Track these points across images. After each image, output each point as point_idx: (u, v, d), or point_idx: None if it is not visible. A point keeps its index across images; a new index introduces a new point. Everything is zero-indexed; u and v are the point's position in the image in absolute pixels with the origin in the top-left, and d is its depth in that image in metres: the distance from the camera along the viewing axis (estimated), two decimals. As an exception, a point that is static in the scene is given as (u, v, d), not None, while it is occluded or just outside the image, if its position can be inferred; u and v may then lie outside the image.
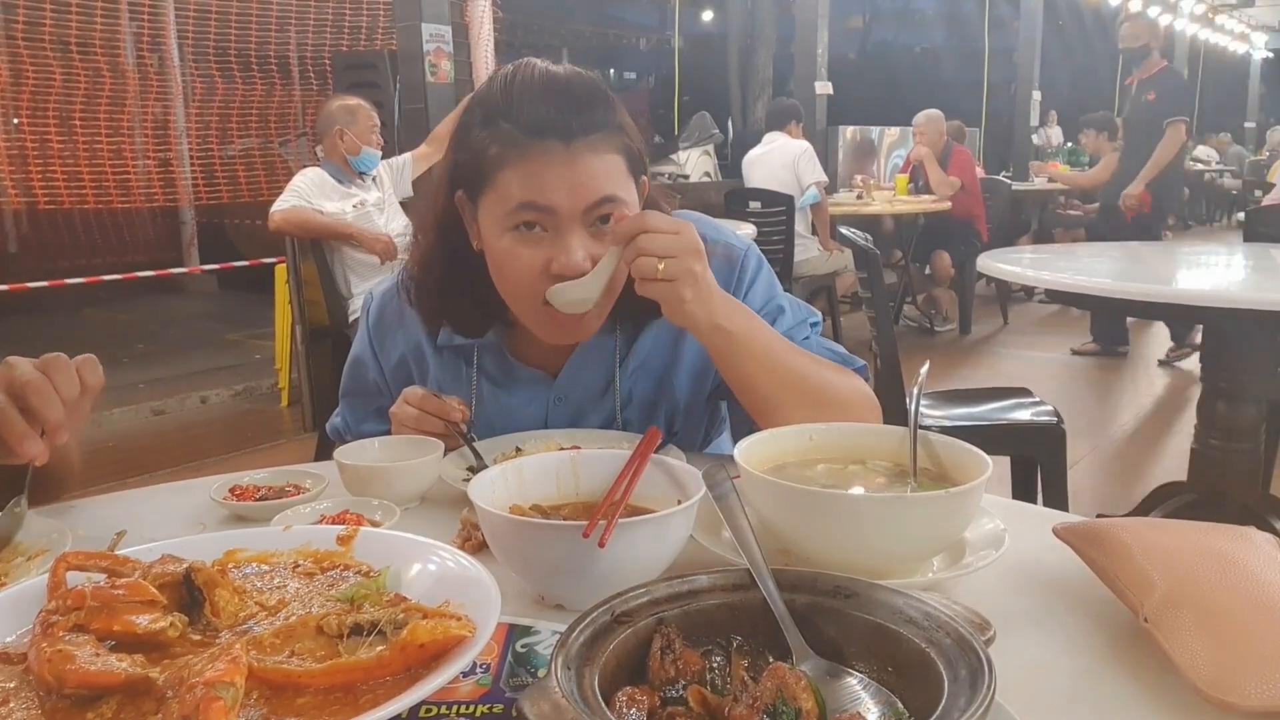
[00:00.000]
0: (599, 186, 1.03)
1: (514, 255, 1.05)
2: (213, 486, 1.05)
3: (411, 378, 1.25)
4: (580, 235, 1.03)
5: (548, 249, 1.04)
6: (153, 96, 6.61)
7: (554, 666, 0.51)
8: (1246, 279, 2.59)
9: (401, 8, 5.31)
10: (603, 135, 1.03)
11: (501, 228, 1.05)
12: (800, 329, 1.20)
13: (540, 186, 1.02)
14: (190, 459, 4.11)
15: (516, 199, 1.02)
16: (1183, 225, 13.57)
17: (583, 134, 1.02)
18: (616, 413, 1.21)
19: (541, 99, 1.03)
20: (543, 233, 1.04)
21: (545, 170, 1.01)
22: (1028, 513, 0.98)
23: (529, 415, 1.21)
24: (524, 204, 1.02)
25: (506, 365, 1.22)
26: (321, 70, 6.61)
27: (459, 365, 1.23)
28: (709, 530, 0.83)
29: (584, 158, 1.02)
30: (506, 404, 1.21)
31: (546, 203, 1.02)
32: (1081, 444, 4.00)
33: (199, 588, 0.64)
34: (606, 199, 1.03)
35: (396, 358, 1.26)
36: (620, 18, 16.16)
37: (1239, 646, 0.62)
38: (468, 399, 1.20)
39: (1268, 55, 19.82)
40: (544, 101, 1.02)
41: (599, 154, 1.03)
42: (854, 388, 1.13)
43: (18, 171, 5.93)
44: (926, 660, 0.53)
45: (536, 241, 1.04)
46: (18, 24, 5.58)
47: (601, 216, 1.04)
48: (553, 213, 1.02)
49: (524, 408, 1.22)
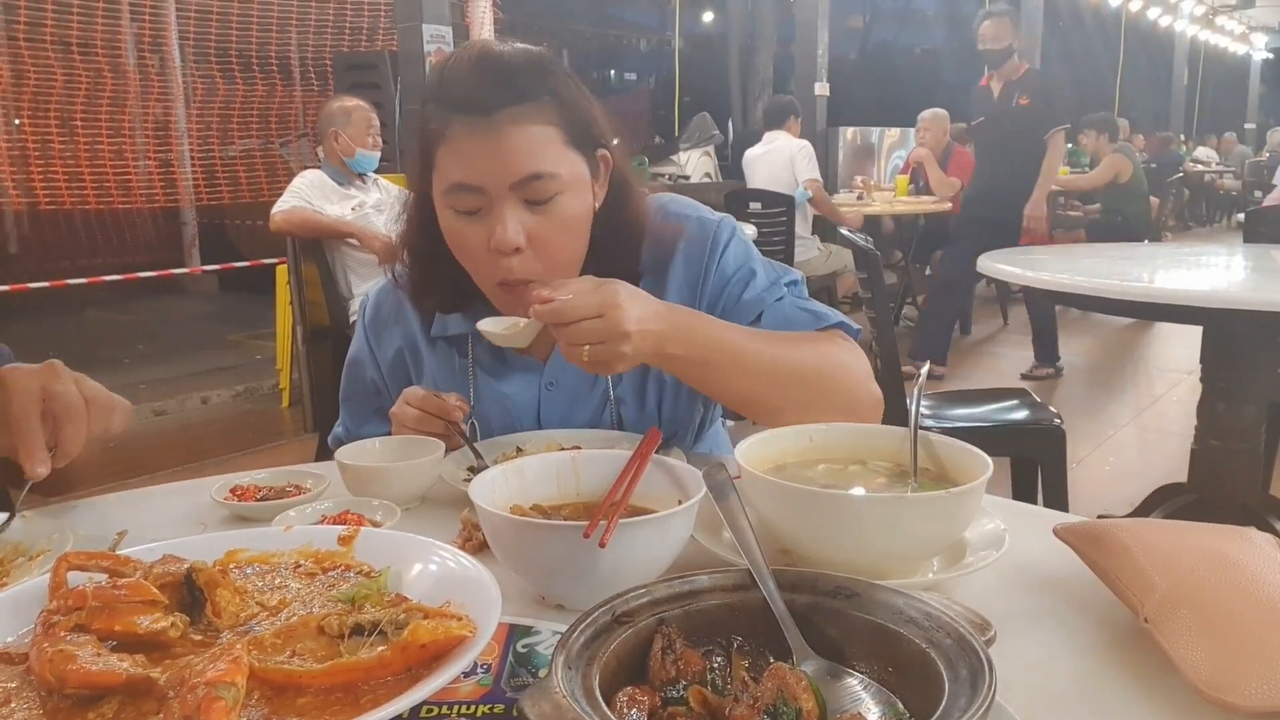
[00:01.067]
0: (523, 163, 1.01)
1: (458, 233, 1.07)
2: (214, 487, 1.05)
3: (408, 371, 1.25)
4: (513, 210, 1.03)
5: (485, 226, 1.04)
6: (154, 97, 6.61)
7: (555, 666, 0.51)
8: (1246, 280, 2.59)
9: (402, 8, 5.32)
10: (529, 107, 1.02)
11: (444, 206, 1.07)
12: (773, 290, 1.17)
13: (466, 164, 1.02)
14: (191, 459, 4.11)
15: (449, 179, 1.04)
16: (1183, 226, 13.56)
17: (504, 106, 1.01)
18: (610, 394, 1.20)
19: (467, 75, 1.03)
20: (479, 211, 1.04)
21: (469, 146, 1.02)
22: (1028, 513, 0.98)
23: (523, 402, 1.22)
24: (454, 185, 1.04)
25: (498, 352, 1.22)
26: (322, 71, 6.62)
27: (453, 356, 1.24)
28: (709, 530, 0.83)
29: (506, 131, 1.01)
30: (500, 392, 1.22)
31: (473, 181, 1.02)
32: (1082, 444, 4.00)
33: (200, 588, 0.64)
34: (533, 175, 1.02)
35: (393, 353, 1.26)
36: (620, 18, 16.17)
37: (1239, 647, 0.62)
38: (464, 389, 1.21)
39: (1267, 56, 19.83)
40: (469, 77, 1.03)
41: (523, 126, 1.01)
42: (828, 356, 1.10)
43: (19, 172, 5.94)
44: (927, 660, 0.53)
45: (475, 221, 1.05)
46: (19, 24, 5.59)
47: (531, 199, 1.03)
48: (481, 191, 1.03)
49: (518, 395, 1.22)
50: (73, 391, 0.89)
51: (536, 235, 1.04)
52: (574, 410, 1.22)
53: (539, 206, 1.04)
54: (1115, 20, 13.87)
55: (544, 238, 1.05)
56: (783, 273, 1.21)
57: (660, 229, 1.18)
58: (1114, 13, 13.21)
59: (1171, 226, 11.74)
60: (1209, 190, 14.91)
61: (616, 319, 0.93)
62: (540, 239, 1.05)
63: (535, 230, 1.04)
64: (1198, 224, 14.69)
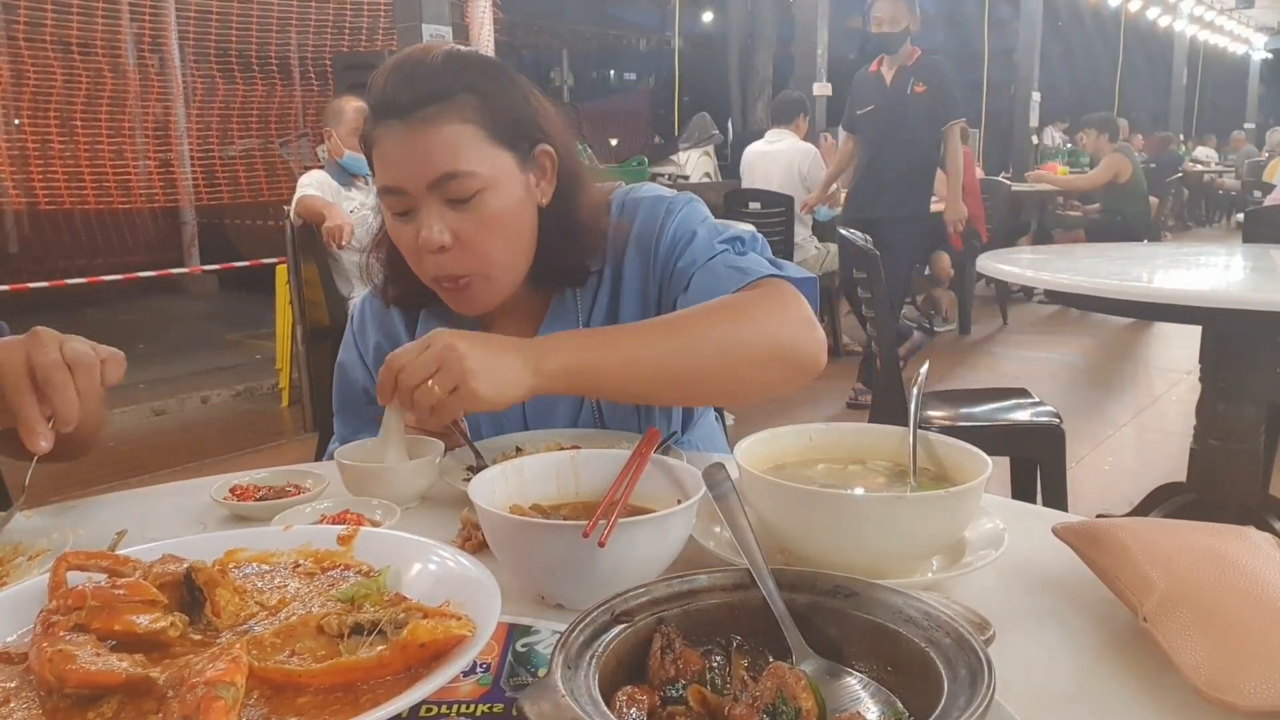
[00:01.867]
0: (437, 163, 1.02)
1: (395, 233, 1.10)
2: (213, 486, 1.05)
3: None
4: (436, 209, 1.04)
5: (415, 225, 1.06)
6: (154, 97, 6.61)
7: (554, 666, 0.51)
8: (1246, 279, 2.59)
9: (402, 8, 5.32)
10: (444, 106, 1.02)
11: (384, 208, 1.10)
12: (707, 250, 1.12)
13: (389, 167, 1.05)
14: (191, 459, 4.11)
15: (379, 183, 1.07)
16: (1182, 226, 13.57)
17: (418, 108, 1.02)
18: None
19: (386, 80, 1.05)
20: (409, 211, 1.07)
21: (391, 150, 1.04)
22: (1027, 513, 0.98)
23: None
24: (382, 188, 1.07)
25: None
26: (322, 71, 6.62)
27: None
28: (709, 530, 0.83)
29: (420, 133, 1.02)
30: None
31: (395, 183, 1.05)
32: (1081, 444, 4.00)
33: (199, 587, 0.64)
34: (449, 175, 1.03)
35: (373, 347, 1.27)
36: (620, 18, 16.15)
37: (1238, 646, 0.62)
38: None
39: (1266, 56, 19.84)
40: (387, 82, 1.05)
41: (438, 126, 1.02)
42: (741, 318, 1.02)
43: (19, 172, 5.94)
44: (926, 660, 0.53)
45: (406, 222, 1.07)
46: (19, 24, 5.59)
47: (452, 198, 1.04)
48: (404, 193, 1.05)
49: None
50: (55, 360, 0.87)
51: (461, 233, 1.05)
52: (555, 407, 1.22)
53: (461, 205, 1.05)
54: (1115, 20, 13.87)
55: (470, 235, 1.06)
56: (725, 230, 1.16)
57: (619, 224, 1.18)
58: (1113, 13, 13.21)
59: (1171, 226, 11.75)
60: (1208, 190, 14.91)
61: (438, 340, 0.89)
62: (466, 237, 1.05)
63: (460, 228, 1.05)
64: (1197, 224, 14.70)
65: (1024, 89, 10.36)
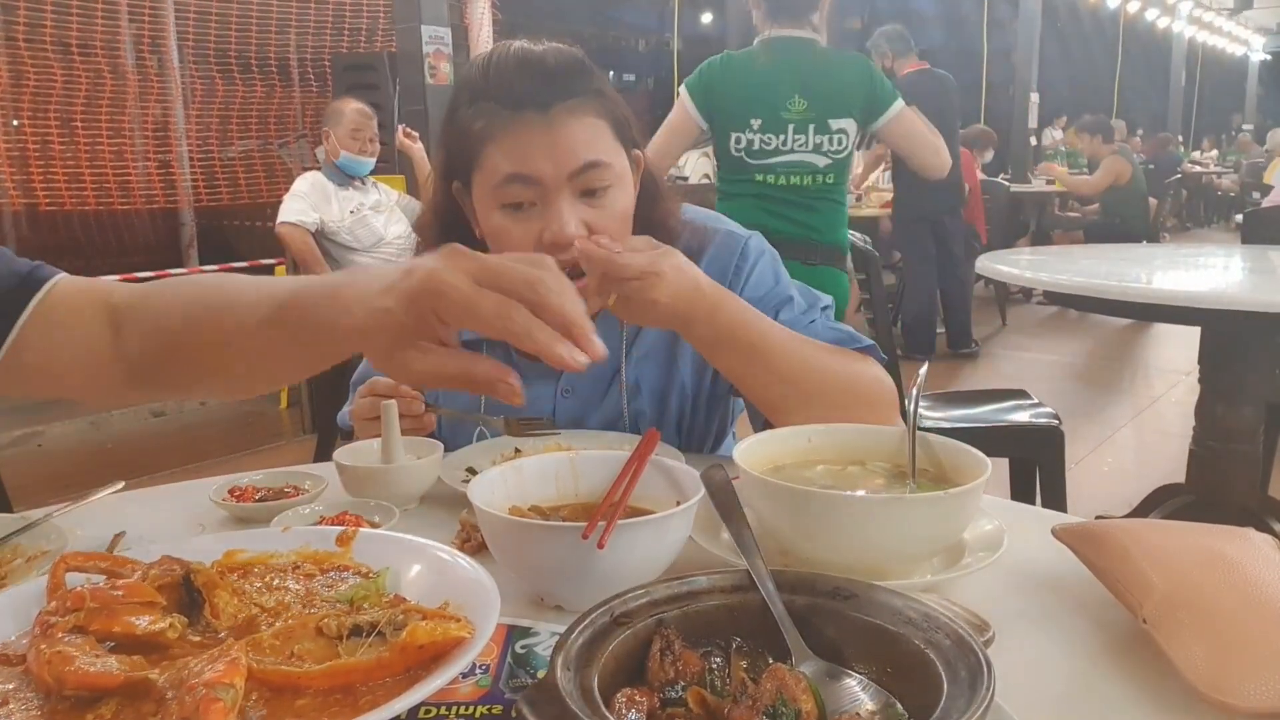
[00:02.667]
0: (581, 151, 1.03)
1: (506, 231, 1.06)
2: (212, 488, 1.05)
3: None
4: (570, 203, 1.04)
5: (538, 222, 1.04)
6: (153, 98, 6.60)
7: (553, 667, 0.51)
8: (1245, 281, 2.60)
9: (401, 9, 5.32)
10: (582, 101, 1.04)
11: (492, 205, 1.06)
12: (809, 314, 1.18)
13: (523, 157, 1.03)
14: (189, 460, 4.11)
15: (503, 172, 1.03)
16: (1181, 227, 13.58)
17: (559, 101, 1.03)
18: (623, 404, 1.20)
19: (517, 74, 1.05)
20: (532, 207, 1.05)
21: (526, 141, 1.03)
22: (1027, 514, 0.98)
23: (537, 411, 1.22)
24: (510, 176, 1.03)
25: (513, 358, 1.20)
26: (321, 72, 6.62)
27: None
28: (708, 531, 0.83)
29: (564, 123, 1.03)
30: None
31: (530, 172, 1.03)
32: (1080, 445, 4.01)
33: (198, 589, 0.64)
34: (590, 164, 1.04)
35: None
36: (619, 19, 16.16)
37: (1237, 647, 0.62)
38: (477, 398, 1.20)
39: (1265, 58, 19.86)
40: (520, 76, 1.04)
41: (579, 118, 1.04)
42: (861, 373, 1.10)
43: (19, 173, 5.93)
44: (925, 661, 0.53)
45: (527, 217, 1.05)
46: (18, 25, 5.58)
47: (587, 190, 1.05)
48: (538, 183, 1.03)
49: (534, 400, 1.21)
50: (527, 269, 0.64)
51: (594, 227, 1.04)
52: (588, 416, 1.22)
53: (594, 198, 1.05)
54: (1113, 21, 13.89)
55: (601, 229, 1.05)
56: (816, 298, 1.22)
57: (688, 236, 1.20)
58: (1112, 14, 13.22)
59: (1170, 228, 11.75)
60: (1207, 191, 14.92)
61: (651, 285, 0.94)
62: (598, 231, 1.04)
63: (593, 222, 1.05)
64: (1196, 225, 14.70)
65: (1022, 90, 10.36)
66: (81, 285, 0.88)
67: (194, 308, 0.82)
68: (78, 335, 0.85)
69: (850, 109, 2.59)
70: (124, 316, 0.85)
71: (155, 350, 0.83)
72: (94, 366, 0.85)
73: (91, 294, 0.87)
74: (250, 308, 0.76)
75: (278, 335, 0.75)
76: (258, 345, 0.77)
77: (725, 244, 1.20)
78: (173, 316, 0.83)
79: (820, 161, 2.59)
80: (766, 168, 2.59)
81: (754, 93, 2.58)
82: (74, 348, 0.85)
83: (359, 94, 4.54)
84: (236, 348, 0.78)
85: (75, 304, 0.86)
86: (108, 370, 0.85)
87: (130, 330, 0.84)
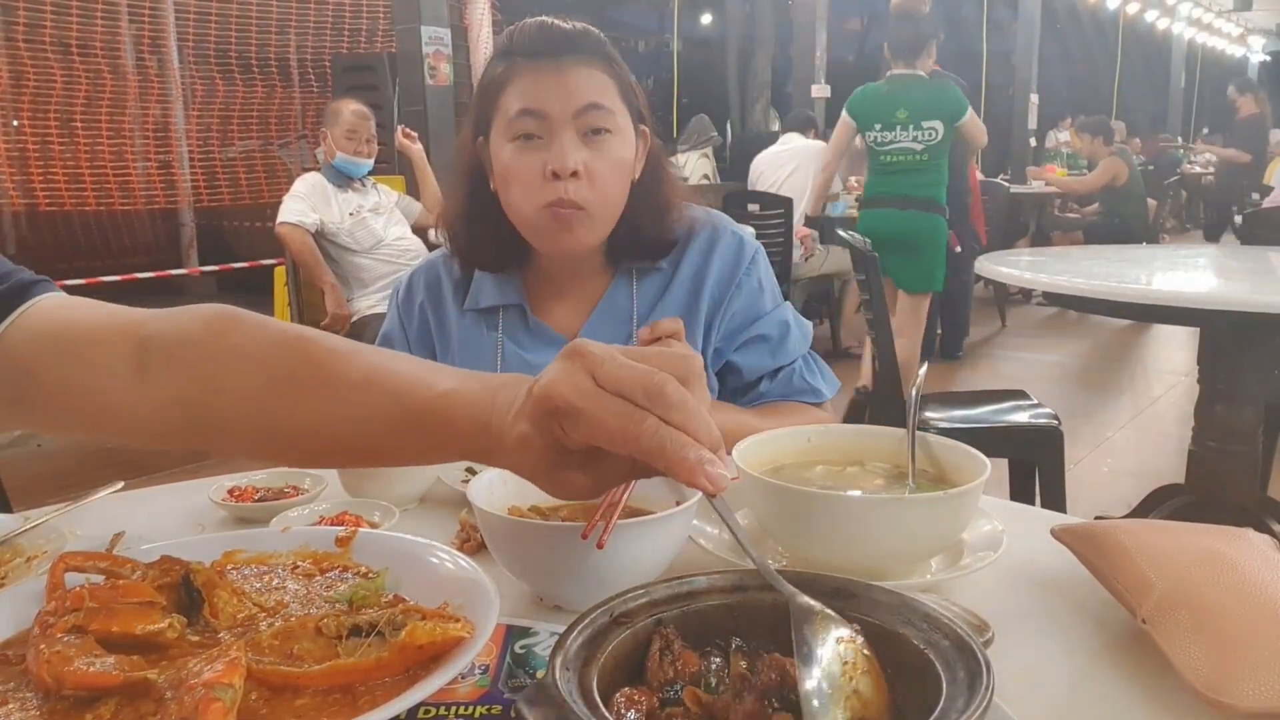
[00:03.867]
0: (586, 93, 1.15)
1: (515, 163, 1.17)
2: (211, 488, 1.05)
3: (433, 345, 1.32)
4: (572, 139, 1.15)
5: (543, 154, 1.15)
6: (153, 99, 6.60)
7: (552, 667, 0.51)
8: (1244, 281, 2.60)
9: (401, 10, 5.32)
10: (593, 58, 1.17)
11: (504, 141, 1.18)
12: (797, 353, 1.28)
13: (534, 95, 1.15)
14: (189, 460, 4.10)
15: (514, 108, 1.16)
16: (1180, 228, 13.57)
17: (570, 53, 1.16)
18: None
19: (538, 32, 1.19)
20: (538, 140, 1.16)
21: (538, 81, 1.16)
22: (1026, 514, 0.98)
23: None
24: (520, 111, 1.16)
25: (528, 325, 1.29)
26: (321, 73, 6.62)
27: (481, 328, 1.30)
28: (708, 531, 0.83)
29: (573, 69, 1.16)
30: (528, 363, 1.26)
31: (539, 107, 1.15)
32: (1080, 446, 4.01)
33: (198, 589, 0.64)
34: (593, 105, 1.16)
35: (418, 323, 1.33)
36: (619, 20, 16.16)
37: (1237, 647, 0.62)
38: (491, 360, 1.28)
39: (1265, 59, 19.86)
40: (539, 34, 1.18)
41: (588, 68, 1.17)
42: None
43: (19, 173, 5.93)
44: (924, 661, 0.53)
45: (534, 149, 1.16)
46: (18, 26, 5.59)
47: (593, 128, 1.16)
48: (544, 117, 1.15)
49: (545, 365, 1.22)
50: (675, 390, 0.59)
51: (590, 166, 1.16)
52: None
53: (594, 139, 1.16)
54: (1112, 22, 13.89)
55: (596, 169, 1.16)
56: (806, 337, 1.32)
57: (700, 232, 1.30)
58: (1111, 15, 13.23)
59: (1169, 228, 11.75)
60: (1207, 192, 14.91)
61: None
62: (593, 170, 1.16)
63: (589, 161, 1.16)
64: (1195, 226, 14.69)
65: (1022, 91, 10.38)
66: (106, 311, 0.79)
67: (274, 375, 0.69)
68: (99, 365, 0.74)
69: (938, 114, 4.18)
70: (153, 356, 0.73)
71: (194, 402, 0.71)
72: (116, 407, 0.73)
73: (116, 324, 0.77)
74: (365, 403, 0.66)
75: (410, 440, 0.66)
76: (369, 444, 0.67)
77: (732, 244, 1.30)
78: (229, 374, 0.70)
79: (916, 147, 4.22)
80: (884, 151, 4.30)
81: (878, 107, 4.27)
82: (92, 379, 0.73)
83: (359, 94, 4.53)
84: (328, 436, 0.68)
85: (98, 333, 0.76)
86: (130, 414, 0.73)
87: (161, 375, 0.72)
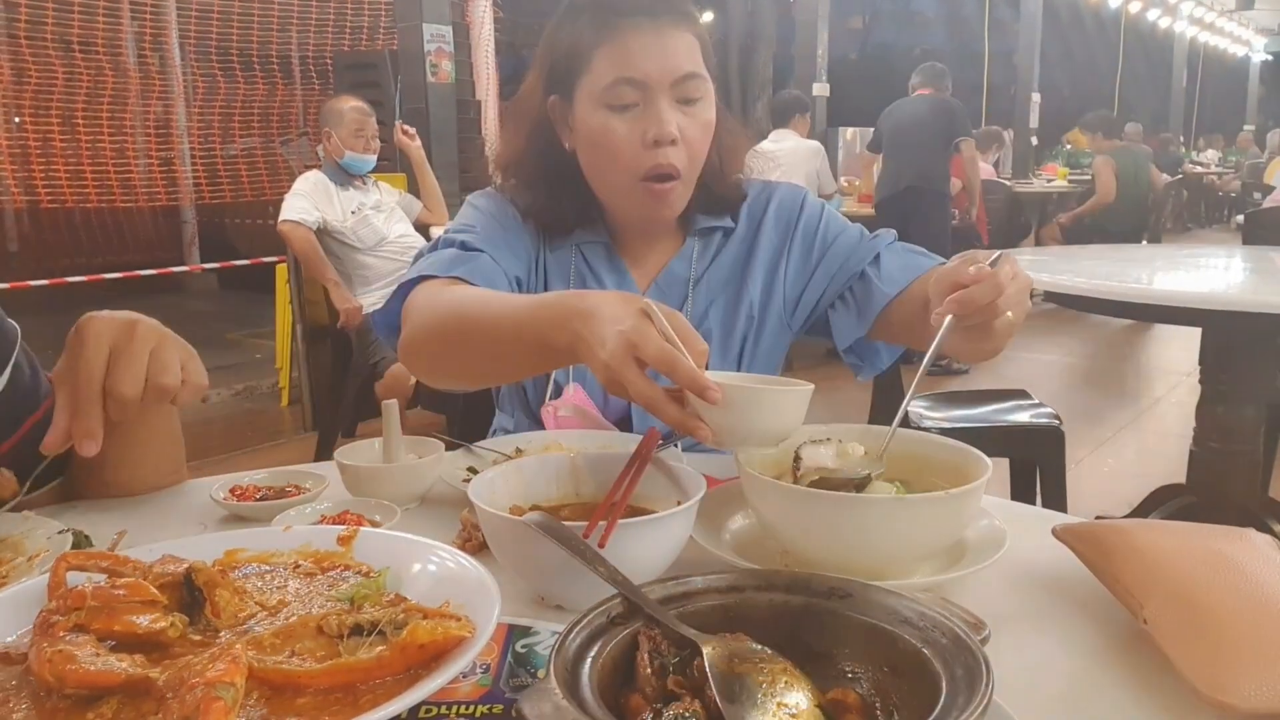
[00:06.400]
0: (684, 62, 1.13)
1: (611, 129, 1.14)
2: (213, 486, 1.05)
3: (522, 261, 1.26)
4: (669, 106, 1.13)
5: (641, 121, 1.13)
6: (155, 96, 6.60)
7: (553, 667, 0.51)
8: (1246, 281, 2.59)
9: (402, 8, 5.32)
10: (684, 17, 1.15)
11: (597, 105, 1.14)
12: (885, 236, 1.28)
13: (631, 61, 1.12)
14: (191, 458, 4.04)
15: (611, 75, 1.12)
16: (1182, 228, 13.56)
17: (667, 14, 1.13)
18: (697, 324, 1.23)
19: None
20: (635, 108, 1.13)
21: (635, 45, 1.12)
22: (1027, 514, 0.98)
23: None
24: (618, 80, 1.12)
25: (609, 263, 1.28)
26: (323, 70, 6.62)
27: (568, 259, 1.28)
28: (709, 531, 0.83)
29: (670, 33, 1.13)
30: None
31: (638, 75, 1.12)
32: (1081, 446, 4.00)
33: (199, 588, 0.64)
34: (691, 74, 1.14)
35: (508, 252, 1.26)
36: (621, 18, 16.15)
37: (1237, 648, 0.62)
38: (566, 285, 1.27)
39: (1266, 58, 19.83)
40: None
41: (682, 31, 1.14)
42: None
43: (20, 170, 5.94)
44: (923, 660, 0.53)
45: (632, 118, 1.13)
46: (20, 23, 5.59)
47: (685, 99, 1.14)
48: (644, 85, 1.12)
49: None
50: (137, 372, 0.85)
51: (686, 131, 1.14)
52: None
53: (689, 106, 1.15)
54: (1115, 22, 13.87)
55: (691, 135, 1.15)
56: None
57: (757, 185, 1.32)
58: (1113, 14, 13.20)
59: (1170, 228, 11.73)
60: (1208, 192, 14.90)
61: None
62: (689, 136, 1.15)
63: (685, 128, 1.14)
64: (1197, 225, 14.67)
65: (1024, 91, 10.36)
66: None
67: None
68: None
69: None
70: None
71: None
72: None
73: None
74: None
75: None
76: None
77: (789, 193, 1.32)
78: None
79: None
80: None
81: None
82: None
83: (360, 92, 4.52)
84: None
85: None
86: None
87: None
